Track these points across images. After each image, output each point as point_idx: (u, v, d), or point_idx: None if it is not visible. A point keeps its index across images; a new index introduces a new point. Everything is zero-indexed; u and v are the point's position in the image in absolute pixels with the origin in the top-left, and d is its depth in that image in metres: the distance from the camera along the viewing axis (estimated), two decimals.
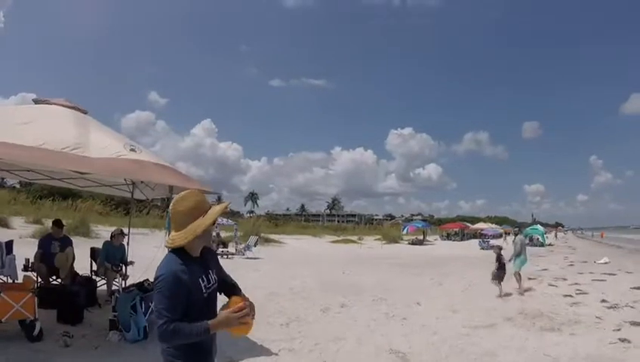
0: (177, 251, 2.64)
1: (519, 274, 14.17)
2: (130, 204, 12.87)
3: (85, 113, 7.39)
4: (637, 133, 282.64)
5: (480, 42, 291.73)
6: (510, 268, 14.02)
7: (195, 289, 2.62)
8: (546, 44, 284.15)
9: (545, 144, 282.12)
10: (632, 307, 11.16)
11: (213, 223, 2.83)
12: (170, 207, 2.84)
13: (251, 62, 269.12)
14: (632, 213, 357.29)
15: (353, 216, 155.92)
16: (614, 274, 18.37)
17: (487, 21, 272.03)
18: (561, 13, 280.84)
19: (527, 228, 54.63)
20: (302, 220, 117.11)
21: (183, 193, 2.80)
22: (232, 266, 18.28)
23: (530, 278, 17.23)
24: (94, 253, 11.08)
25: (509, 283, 13.70)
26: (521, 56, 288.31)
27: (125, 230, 11.05)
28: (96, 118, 7.66)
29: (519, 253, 14.40)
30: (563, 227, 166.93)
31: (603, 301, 12.03)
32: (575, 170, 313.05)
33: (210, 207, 2.78)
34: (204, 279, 2.71)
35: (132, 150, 6.48)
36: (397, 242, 51.34)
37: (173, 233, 2.70)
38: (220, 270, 2.99)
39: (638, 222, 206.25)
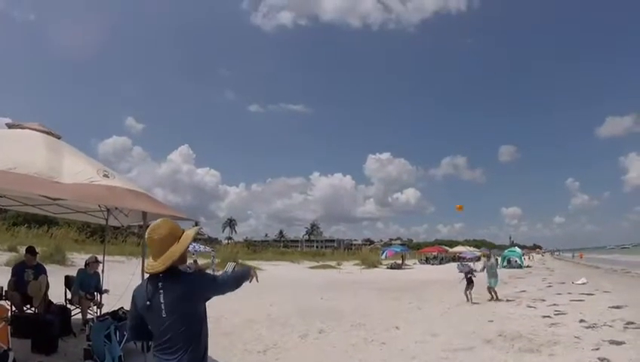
0: (171, 269, 2.94)
1: (494, 290, 17.76)
2: (105, 231, 12.68)
3: (59, 138, 7.28)
4: (612, 155, 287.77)
5: (456, 67, 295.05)
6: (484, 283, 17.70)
7: None
8: (521, 68, 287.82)
9: (522, 167, 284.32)
10: (610, 326, 11.15)
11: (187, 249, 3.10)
12: (145, 236, 3.14)
13: (229, 87, 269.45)
14: (609, 233, 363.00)
15: (332, 241, 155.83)
16: (592, 294, 18.46)
17: (462, 47, 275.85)
18: (536, 38, 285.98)
19: (506, 251, 55.28)
20: (280, 246, 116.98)
21: (156, 222, 3.08)
22: None
23: (508, 300, 17.33)
24: (69, 281, 10.82)
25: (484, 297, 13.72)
26: (496, 81, 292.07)
27: (100, 257, 10.87)
28: (72, 143, 7.54)
29: (495, 274, 17.97)
30: (541, 249, 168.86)
31: (581, 321, 12.03)
32: (552, 193, 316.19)
33: (182, 233, 3.09)
34: None
35: (105, 176, 6.36)
36: (376, 267, 51.26)
37: (150, 260, 2.98)
38: None
39: (614, 243, 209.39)
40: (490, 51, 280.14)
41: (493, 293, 17.74)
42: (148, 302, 2.89)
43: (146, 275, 3.06)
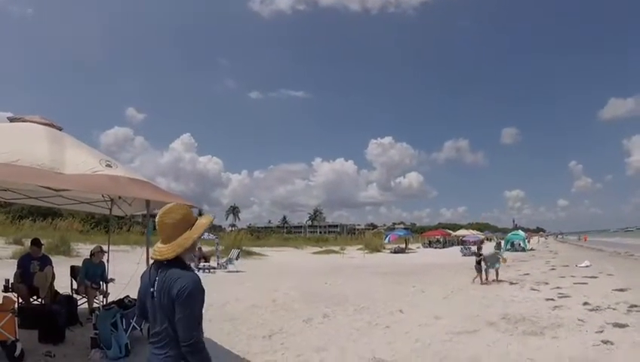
0: (176, 262, 2.72)
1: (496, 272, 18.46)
2: (110, 221, 12.69)
3: (60, 130, 7.25)
4: (615, 137, 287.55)
5: (458, 50, 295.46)
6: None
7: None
8: (524, 50, 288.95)
9: (524, 150, 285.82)
10: (614, 309, 11.19)
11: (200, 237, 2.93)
12: (157, 219, 2.83)
13: (230, 75, 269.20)
14: (612, 216, 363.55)
15: (335, 226, 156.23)
16: (596, 277, 18.48)
17: (465, 30, 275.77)
18: (538, 21, 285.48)
19: (509, 234, 55.24)
20: (284, 232, 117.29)
21: (169, 205, 2.88)
22: (214, 280, 18.20)
23: (512, 283, 17.36)
24: (74, 272, 10.89)
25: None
26: (498, 64, 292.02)
27: (105, 247, 10.91)
28: (74, 134, 7.51)
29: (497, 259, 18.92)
30: (544, 232, 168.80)
31: (585, 303, 12.05)
32: (555, 176, 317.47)
33: (196, 220, 2.88)
34: None
35: (108, 165, 6.35)
36: (379, 251, 51.35)
37: (159, 244, 2.78)
38: None
39: (618, 226, 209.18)
40: (491, 34, 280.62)
41: (492, 275, 18.38)
42: (151, 289, 2.75)
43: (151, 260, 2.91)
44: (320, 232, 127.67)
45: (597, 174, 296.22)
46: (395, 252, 50.13)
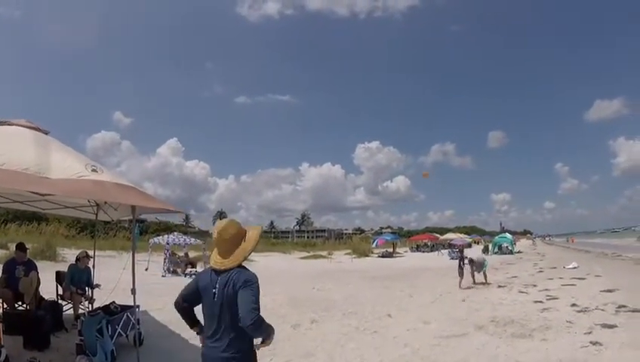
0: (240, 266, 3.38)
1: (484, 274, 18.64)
2: (95, 226, 12.57)
3: (47, 133, 7.18)
4: (601, 138, 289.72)
5: (445, 55, 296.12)
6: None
7: None
8: (508, 54, 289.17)
9: (510, 153, 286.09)
10: (602, 310, 11.22)
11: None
12: (214, 236, 3.40)
13: (216, 80, 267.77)
14: (599, 218, 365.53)
15: (323, 231, 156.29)
16: (584, 279, 18.56)
17: (452, 34, 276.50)
18: (522, 23, 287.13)
19: (497, 237, 55.45)
20: (271, 237, 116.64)
21: (223, 222, 3.49)
22: None
23: (500, 286, 17.37)
24: (60, 277, 10.77)
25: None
26: (485, 68, 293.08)
27: (90, 252, 10.80)
28: (60, 138, 7.44)
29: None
30: (531, 234, 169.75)
31: (573, 305, 12.09)
32: (541, 178, 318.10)
33: (245, 232, 3.49)
34: None
35: (93, 170, 6.24)
36: (367, 256, 51.18)
37: (218, 257, 3.40)
38: None
39: (605, 227, 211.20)
40: (478, 38, 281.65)
41: (478, 277, 18.58)
42: (213, 290, 3.30)
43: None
44: (308, 237, 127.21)
45: (583, 176, 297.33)
46: (383, 256, 50.00)
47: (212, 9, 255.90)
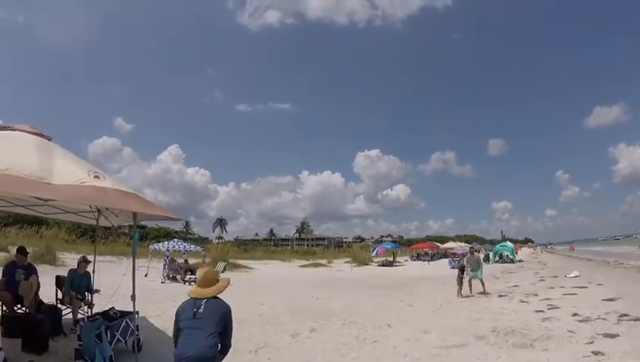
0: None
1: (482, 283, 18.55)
2: (96, 231, 12.55)
3: (50, 140, 7.22)
4: (602, 145, 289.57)
5: (444, 63, 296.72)
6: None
7: None
8: (508, 61, 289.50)
9: (511, 161, 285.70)
10: (604, 319, 11.13)
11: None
12: (200, 276, 5.08)
13: (217, 87, 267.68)
14: (600, 225, 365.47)
15: (322, 239, 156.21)
16: (585, 288, 18.43)
17: (452, 43, 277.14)
18: (522, 31, 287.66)
19: (497, 246, 55.36)
20: (271, 245, 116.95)
21: (206, 270, 5.26)
22: None
23: (501, 295, 17.29)
24: (60, 281, 10.78)
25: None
26: (483, 75, 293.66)
27: (90, 257, 10.77)
28: (62, 143, 7.49)
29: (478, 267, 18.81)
30: (532, 242, 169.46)
31: (575, 314, 11.99)
32: (542, 186, 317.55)
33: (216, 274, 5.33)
34: None
35: (96, 177, 6.25)
36: (367, 264, 51.07)
37: (199, 288, 4.90)
38: None
39: (606, 234, 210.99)
40: (477, 46, 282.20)
41: (476, 286, 18.38)
42: (195, 310, 4.66)
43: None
44: (307, 245, 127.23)
45: (584, 183, 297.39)
46: (383, 265, 49.89)
47: (213, 18, 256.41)
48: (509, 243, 57.01)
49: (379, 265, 49.70)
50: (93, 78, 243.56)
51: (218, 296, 4.85)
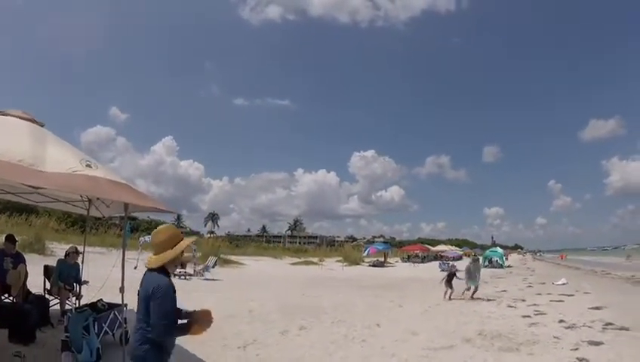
0: (161, 269, 3.65)
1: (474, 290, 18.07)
2: (86, 221, 12.51)
3: (42, 126, 7.13)
4: (595, 158, 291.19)
5: (444, 68, 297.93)
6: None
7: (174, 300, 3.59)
8: (507, 70, 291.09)
9: (505, 168, 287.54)
10: (589, 327, 11.24)
11: (181, 253, 3.81)
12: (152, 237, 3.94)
13: (215, 80, 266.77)
14: (590, 235, 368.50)
15: (315, 237, 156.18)
16: (572, 295, 18.62)
17: (452, 47, 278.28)
18: (522, 41, 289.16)
19: (487, 251, 55.59)
20: (263, 241, 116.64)
21: (160, 227, 3.84)
22: (190, 287, 17.99)
23: (489, 299, 17.39)
24: (48, 271, 10.68)
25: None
26: (482, 81, 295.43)
27: (80, 248, 10.72)
28: (56, 131, 7.39)
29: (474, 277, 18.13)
30: (522, 249, 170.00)
31: (561, 321, 12.11)
32: (534, 194, 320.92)
33: (181, 240, 3.79)
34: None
35: (88, 166, 6.20)
36: (358, 264, 51.15)
37: (152, 256, 3.72)
38: None
39: (596, 245, 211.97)
40: (477, 51, 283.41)
41: (469, 293, 18.16)
42: (139, 288, 3.64)
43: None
44: (299, 243, 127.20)
45: (576, 193, 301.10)
46: (374, 265, 50.01)
47: (214, 10, 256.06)
48: (498, 249, 57.30)
49: (370, 266, 49.82)
50: (90, 66, 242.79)
51: (165, 266, 3.69)
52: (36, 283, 10.25)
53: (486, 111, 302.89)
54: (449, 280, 18.16)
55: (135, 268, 23.74)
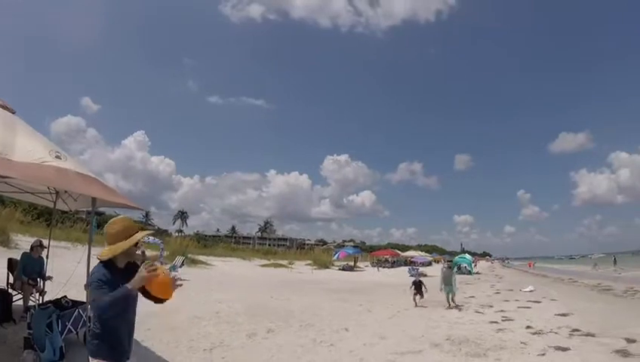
0: (106, 262, 3.57)
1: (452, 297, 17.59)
2: (53, 214, 12.25)
3: (13, 113, 6.95)
4: (563, 169, 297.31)
5: (420, 76, 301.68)
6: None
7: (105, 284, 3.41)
8: (480, 81, 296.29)
9: (475, 177, 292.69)
10: (556, 333, 11.36)
11: (136, 245, 3.72)
12: (105, 227, 3.69)
13: (191, 77, 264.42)
14: (558, 244, 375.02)
15: (285, 240, 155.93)
16: (539, 302, 18.84)
17: (429, 57, 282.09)
18: (497, 53, 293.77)
19: (456, 257, 56.05)
20: (232, 242, 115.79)
21: (115, 218, 3.75)
22: None
23: (457, 305, 17.47)
24: (12, 265, 10.46)
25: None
26: (456, 91, 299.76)
27: (45, 242, 10.47)
28: (26, 118, 7.19)
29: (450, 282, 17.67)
30: (490, 256, 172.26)
31: (528, 327, 12.22)
32: (503, 203, 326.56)
33: (136, 232, 3.70)
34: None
35: (57, 157, 6.05)
36: (328, 268, 51.25)
37: (105, 247, 3.60)
38: None
39: (563, 253, 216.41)
40: (453, 62, 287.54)
41: (450, 301, 17.64)
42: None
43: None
44: (269, 245, 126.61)
45: (544, 203, 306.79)
46: (344, 269, 50.15)
47: (195, 4, 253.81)
48: (467, 256, 57.74)
49: (339, 269, 49.98)
50: (63, 53, 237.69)
51: (117, 258, 3.62)
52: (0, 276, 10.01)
53: (459, 120, 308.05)
54: (418, 289, 17.99)
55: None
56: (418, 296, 17.76)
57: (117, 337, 3.58)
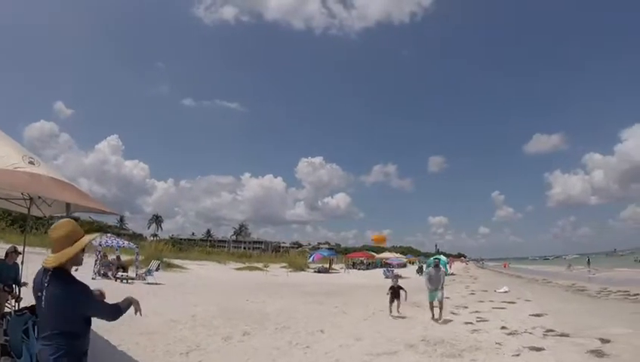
0: (60, 271, 3.37)
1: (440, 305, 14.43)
2: (27, 221, 12.06)
3: None
4: (538, 171, 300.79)
5: (394, 78, 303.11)
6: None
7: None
8: (454, 82, 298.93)
9: (449, 178, 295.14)
10: (530, 333, 11.49)
11: (83, 250, 3.49)
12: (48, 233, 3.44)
13: (164, 80, 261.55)
14: (532, 245, 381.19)
15: (260, 243, 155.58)
16: (514, 303, 19.07)
17: (403, 59, 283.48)
18: (470, 55, 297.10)
19: (431, 258, 56.41)
20: (207, 245, 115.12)
21: (59, 221, 3.51)
22: (131, 291, 17.42)
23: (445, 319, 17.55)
24: None
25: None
26: (429, 93, 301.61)
27: (20, 248, 10.29)
28: None
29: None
30: (465, 257, 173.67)
31: (503, 327, 12.35)
32: (478, 204, 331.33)
33: (82, 236, 3.49)
34: None
35: (30, 163, 5.95)
36: (303, 270, 51.25)
37: (49, 253, 3.40)
38: None
39: (537, 254, 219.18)
40: (426, 64, 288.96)
41: (436, 311, 14.50)
42: (39, 293, 3.36)
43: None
44: (244, 248, 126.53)
45: (518, 205, 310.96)
46: (319, 271, 50.08)
47: (167, 7, 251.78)
48: (442, 257, 58.07)
49: (315, 272, 49.92)
50: (35, 58, 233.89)
51: (64, 266, 3.43)
52: None
53: (433, 122, 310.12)
54: (395, 294, 15.54)
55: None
56: (395, 303, 15.48)
57: (79, 348, 3.53)
